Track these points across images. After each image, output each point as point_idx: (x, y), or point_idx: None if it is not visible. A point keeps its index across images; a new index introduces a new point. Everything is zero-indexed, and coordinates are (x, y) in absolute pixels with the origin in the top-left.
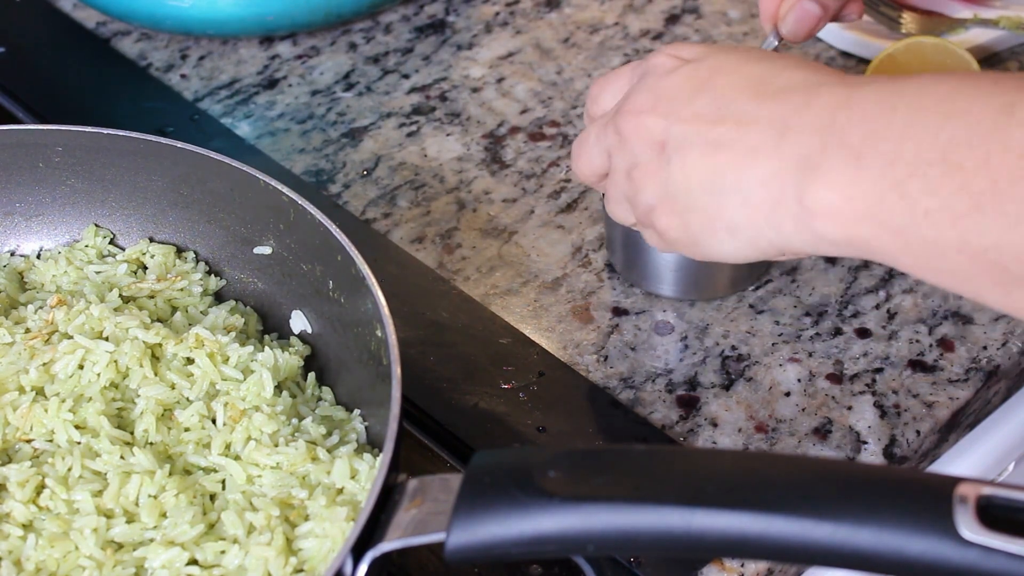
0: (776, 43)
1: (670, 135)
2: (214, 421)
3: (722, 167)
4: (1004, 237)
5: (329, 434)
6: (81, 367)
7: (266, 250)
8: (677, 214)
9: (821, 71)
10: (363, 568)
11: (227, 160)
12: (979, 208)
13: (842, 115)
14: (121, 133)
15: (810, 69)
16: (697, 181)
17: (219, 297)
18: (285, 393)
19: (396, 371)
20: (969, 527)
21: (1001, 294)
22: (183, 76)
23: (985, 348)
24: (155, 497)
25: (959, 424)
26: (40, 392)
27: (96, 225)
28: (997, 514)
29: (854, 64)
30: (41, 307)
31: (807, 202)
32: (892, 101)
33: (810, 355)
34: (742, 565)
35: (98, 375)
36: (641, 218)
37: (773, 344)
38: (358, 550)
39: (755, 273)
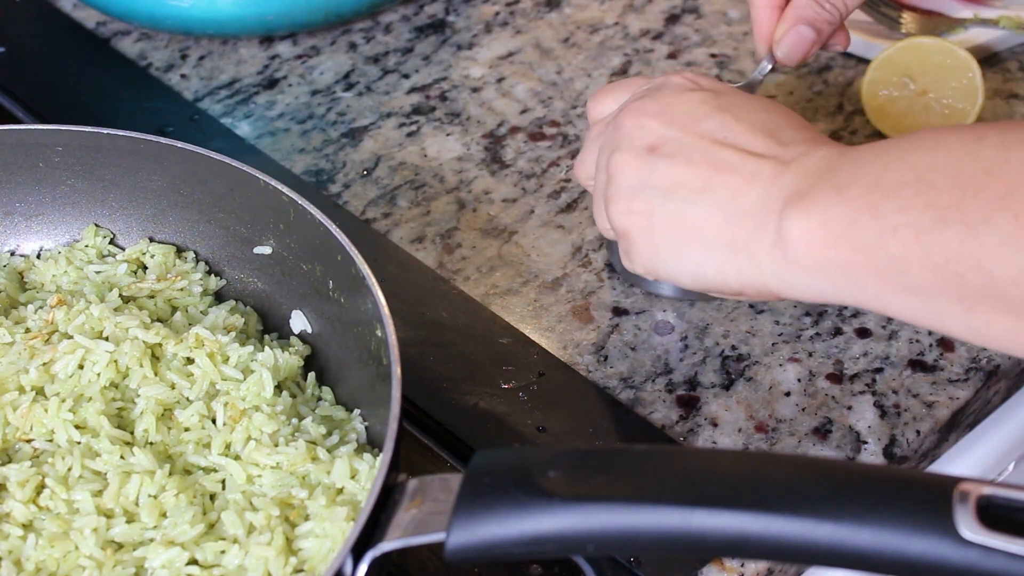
0: (770, 67)
1: (666, 141)
2: (214, 421)
3: (718, 184)
4: (964, 247)
5: (329, 434)
6: (81, 367)
7: (266, 250)
8: (644, 214)
9: (826, 138)
10: (363, 568)
11: (227, 160)
12: (943, 220)
13: (837, 161)
14: (121, 133)
15: (817, 132)
16: (682, 189)
17: (219, 297)
18: (285, 393)
19: (396, 371)
20: (969, 527)
21: (963, 310)
22: (183, 76)
23: (985, 348)
24: (155, 497)
25: (959, 424)
26: (40, 392)
27: (96, 225)
28: (997, 514)
29: (854, 64)
30: (41, 307)
31: (785, 229)
32: (885, 148)
33: (810, 355)
34: (742, 565)
35: (98, 375)
36: (605, 203)
37: (773, 344)
38: (358, 550)
39: None
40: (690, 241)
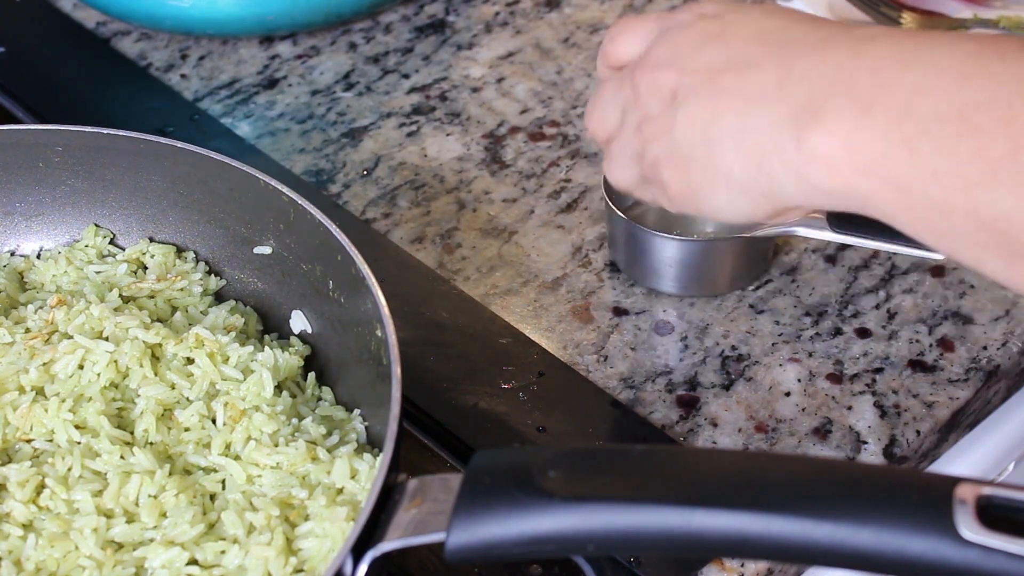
0: None
1: (680, 86)
2: (214, 421)
3: (723, 114)
4: (1018, 208)
5: (329, 434)
6: (81, 367)
7: (266, 250)
8: (681, 167)
9: (834, 25)
10: (363, 568)
11: (227, 160)
12: (995, 175)
13: (850, 64)
14: (121, 133)
15: (823, 23)
16: (699, 129)
17: (219, 297)
18: (285, 393)
19: (396, 371)
20: (969, 527)
21: (1003, 266)
22: (183, 76)
23: (985, 348)
24: (155, 497)
25: (959, 424)
26: (40, 392)
27: (96, 225)
28: (997, 514)
29: None
30: (41, 307)
31: (805, 147)
32: (906, 57)
33: (810, 355)
34: (742, 565)
35: (98, 375)
36: (647, 173)
37: (773, 344)
38: (358, 550)
39: (756, 270)
40: (719, 177)
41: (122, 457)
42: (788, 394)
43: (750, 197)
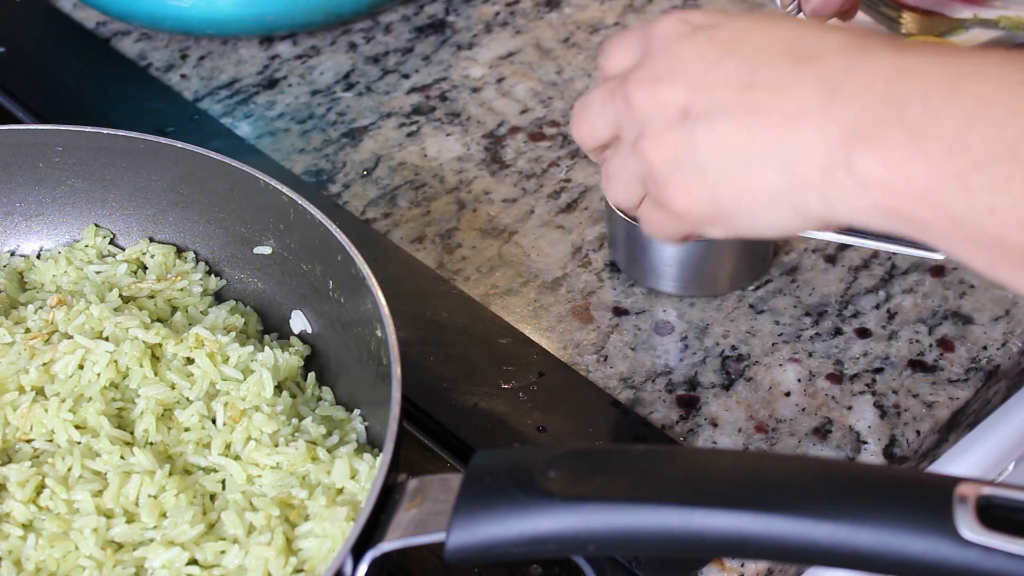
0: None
1: (695, 103)
2: (214, 421)
3: (759, 132)
4: None
5: (329, 434)
6: (81, 367)
7: (266, 250)
8: (706, 187)
9: (857, 32)
10: (363, 568)
11: (227, 160)
12: None
13: (899, 88)
14: (121, 133)
15: (845, 31)
16: (732, 149)
17: (219, 297)
18: (285, 393)
19: (396, 371)
20: (969, 527)
21: None
22: (183, 76)
23: (985, 348)
24: (155, 497)
25: (959, 424)
26: (40, 392)
27: (96, 225)
28: (997, 514)
29: None
30: (41, 307)
31: (859, 172)
32: (954, 84)
33: (810, 355)
34: (742, 565)
35: (98, 375)
36: (654, 194)
37: (773, 344)
38: (358, 550)
39: (756, 270)
40: (761, 196)
41: (122, 457)
42: (788, 394)
43: (794, 214)
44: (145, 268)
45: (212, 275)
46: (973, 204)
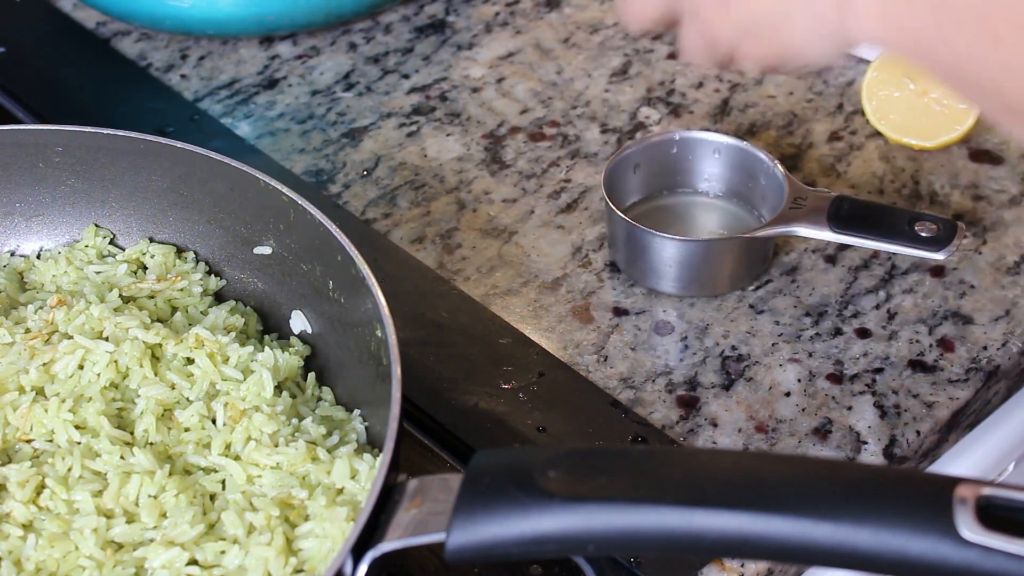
0: None
1: None
2: (214, 421)
3: None
4: None
5: (329, 434)
6: (81, 367)
7: (266, 250)
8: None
9: None
10: (363, 568)
11: (227, 160)
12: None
13: None
14: (121, 133)
15: None
16: None
17: (219, 297)
18: (285, 393)
19: (396, 371)
20: (969, 527)
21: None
22: (183, 76)
23: (985, 348)
24: (155, 497)
25: (959, 424)
26: (40, 392)
27: (96, 225)
28: (997, 514)
29: (854, 64)
30: (41, 307)
31: (861, 13)
32: None
33: (810, 355)
34: (742, 565)
35: (98, 375)
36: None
37: (773, 344)
38: (358, 550)
39: (756, 270)
40: (801, 10)
41: (122, 457)
42: (788, 394)
43: (818, 34)
44: (145, 268)
45: (212, 275)
46: (955, 57)
